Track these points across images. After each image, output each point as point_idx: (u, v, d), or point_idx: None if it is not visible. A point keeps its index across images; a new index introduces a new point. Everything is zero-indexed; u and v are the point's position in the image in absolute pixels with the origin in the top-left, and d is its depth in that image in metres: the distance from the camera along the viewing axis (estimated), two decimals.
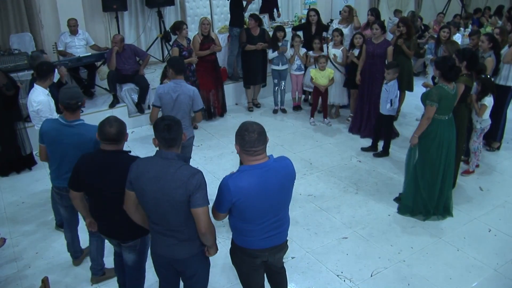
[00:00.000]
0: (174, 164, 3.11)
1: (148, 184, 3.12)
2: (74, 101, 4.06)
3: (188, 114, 5.36)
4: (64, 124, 4.10)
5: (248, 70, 8.87)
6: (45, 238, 5.37)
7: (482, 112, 6.22)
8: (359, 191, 6.22)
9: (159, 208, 3.14)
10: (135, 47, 8.40)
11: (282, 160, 3.29)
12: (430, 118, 5.20)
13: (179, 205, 3.09)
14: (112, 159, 3.53)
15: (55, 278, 4.70)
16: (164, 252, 3.34)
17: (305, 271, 4.74)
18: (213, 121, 8.69)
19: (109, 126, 3.50)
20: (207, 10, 10.37)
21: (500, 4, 13.26)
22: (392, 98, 6.81)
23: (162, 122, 3.15)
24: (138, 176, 3.15)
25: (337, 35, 8.17)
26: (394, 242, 5.19)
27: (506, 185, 6.36)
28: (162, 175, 3.08)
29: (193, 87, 5.45)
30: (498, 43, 7.01)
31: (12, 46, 8.15)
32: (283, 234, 3.45)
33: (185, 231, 3.23)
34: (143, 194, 3.16)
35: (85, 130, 4.07)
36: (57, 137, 4.13)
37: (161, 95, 5.25)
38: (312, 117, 8.52)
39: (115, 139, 3.53)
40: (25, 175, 6.84)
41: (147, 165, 3.17)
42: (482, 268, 4.77)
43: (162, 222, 3.21)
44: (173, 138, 3.13)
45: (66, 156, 4.13)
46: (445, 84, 5.17)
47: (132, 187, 3.21)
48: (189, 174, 3.07)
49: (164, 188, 3.07)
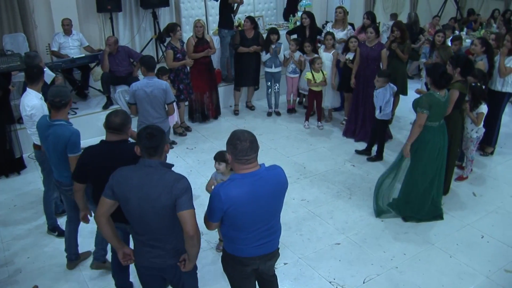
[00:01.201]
0: (158, 171, 3.13)
1: (132, 192, 3.10)
2: (58, 99, 4.17)
3: (163, 107, 5.94)
4: (47, 122, 4.27)
5: (239, 71, 8.83)
6: (36, 243, 5.34)
7: (480, 121, 6.21)
8: (353, 196, 6.22)
9: (144, 216, 3.13)
10: (129, 48, 8.37)
11: (274, 169, 3.28)
12: (422, 125, 5.21)
13: (164, 210, 3.08)
14: (117, 149, 3.70)
15: (46, 284, 4.67)
16: (150, 263, 3.33)
17: (297, 278, 4.73)
18: (207, 123, 8.67)
19: (114, 116, 3.71)
20: (202, 12, 10.34)
21: (495, 8, 13.27)
22: (381, 105, 6.81)
23: (144, 131, 3.16)
24: (121, 183, 3.14)
25: (329, 39, 8.17)
26: (387, 248, 5.18)
27: (499, 191, 6.37)
28: (146, 182, 3.08)
29: (165, 82, 6.08)
30: (492, 48, 7.02)
31: (5, 46, 8.09)
32: (275, 242, 3.44)
33: (170, 240, 3.23)
34: (127, 202, 3.14)
35: (61, 131, 4.19)
36: (42, 134, 4.36)
37: (134, 92, 5.82)
38: (306, 121, 8.51)
39: (118, 128, 3.70)
40: (16, 178, 6.80)
41: (130, 173, 3.16)
42: (475, 275, 4.77)
43: (147, 232, 3.20)
44: (155, 147, 3.13)
45: (50, 153, 4.37)
46: (436, 91, 5.18)
47: (114, 195, 3.18)
48: (173, 179, 3.09)
49: (148, 194, 3.06)
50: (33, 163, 6.77)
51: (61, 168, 4.37)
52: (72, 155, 4.16)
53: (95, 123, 7.92)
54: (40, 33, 8.70)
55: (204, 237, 5.30)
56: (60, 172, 4.41)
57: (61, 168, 4.36)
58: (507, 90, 6.83)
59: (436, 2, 14.35)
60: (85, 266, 4.91)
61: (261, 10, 11.10)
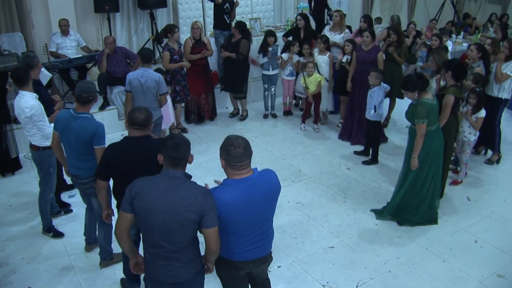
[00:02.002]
0: (183, 182, 3.07)
1: (155, 203, 3.02)
2: (86, 94, 4.35)
3: (155, 97, 6.37)
4: (72, 115, 4.40)
5: (223, 75, 8.83)
6: (32, 243, 5.34)
7: (479, 125, 6.26)
8: (347, 199, 6.24)
9: (167, 230, 3.04)
10: (126, 49, 8.36)
11: (267, 173, 3.30)
12: (424, 134, 5.25)
13: (189, 224, 3.03)
14: (142, 144, 3.83)
15: (40, 285, 4.69)
16: (166, 278, 3.23)
17: (291, 281, 4.75)
18: (203, 125, 8.68)
19: (139, 113, 3.84)
20: (199, 13, 10.33)
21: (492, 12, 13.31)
22: (375, 104, 6.84)
23: (170, 140, 3.10)
24: (142, 196, 3.05)
25: (320, 42, 8.20)
26: (381, 252, 5.21)
27: (493, 196, 6.39)
28: (172, 194, 3.02)
29: (158, 74, 6.46)
30: (488, 54, 7.03)
31: (2, 46, 8.09)
32: (267, 246, 3.45)
33: (189, 251, 3.18)
34: (148, 214, 3.05)
35: (87, 124, 4.35)
36: (65, 126, 4.41)
37: (130, 80, 6.30)
38: (303, 123, 8.53)
39: (143, 124, 3.83)
40: (12, 178, 6.80)
41: (153, 184, 3.09)
42: (467, 280, 4.79)
43: (166, 244, 3.10)
44: (180, 157, 3.08)
45: (71, 145, 4.46)
46: (425, 97, 5.25)
47: (132, 208, 3.11)
48: (201, 194, 3.04)
49: (175, 207, 2.99)
50: (29, 163, 6.77)
51: (79, 160, 4.48)
52: (98, 146, 4.34)
53: None
54: (37, 33, 8.72)
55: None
56: (77, 165, 4.52)
57: (80, 160, 4.47)
58: (503, 96, 6.85)
59: (434, 5, 14.40)
60: (80, 268, 4.93)
61: (259, 12, 11.07)
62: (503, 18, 12.90)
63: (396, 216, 5.71)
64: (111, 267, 4.93)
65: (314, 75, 8.00)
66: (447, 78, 5.79)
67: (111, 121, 8.16)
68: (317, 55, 8.29)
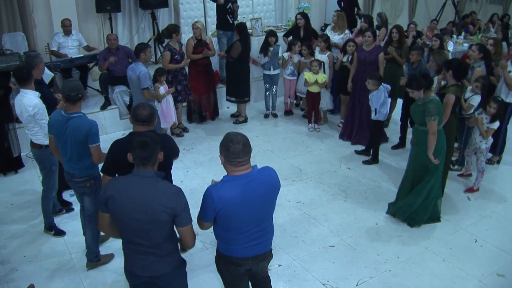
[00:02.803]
0: (154, 182, 3.10)
1: (128, 204, 3.06)
2: (75, 93, 4.30)
3: (139, 90, 6.67)
4: (64, 116, 4.36)
5: (227, 82, 8.81)
6: (33, 241, 5.37)
7: (489, 135, 6.23)
8: (348, 198, 6.26)
9: (141, 228, 3.10)
10: (128, 49, 8.37)
11: (266, 171, 3.32)
12: (435, 132, 5.25)
13: (163, 223, 3.08)
14: None
15: (42, 283, 4.71)
16: (143, 272, 3.29)
17: (291, 279, 4.77)
18: (204, 124, 8.71)
19: (142, 109, 3.89)
20: (201, 13, 10.36)
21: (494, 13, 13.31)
22: (376, 108, 6.86)
23: (137, 139, 3.14)
24: (115, 196, 3.09)
25: (320, 41, 8.22)
26: (381, 251, 5.23)
27: (493, 195, 6.40)
28: (144, 195, 3.05)
29: (143, 69, 6.64)
30: (490, 54, 7.03)
31: (5, 45, 8.11)
32: (267, 243, 3.47)
33: (165, 246, 3.23)
34: (122, 214, 3.10)
35: (80, 123, 4.32)
36: (59, 128, 4.39)
37: (127, 73, 6.71)
38: (310, 123, 8.53)
39: (147, 120, 3.88)
40: (13, 176, 6.83)
41: (124, 184, 3.13)
42: (467, 279, 4.81)
43: (143, 241, 3.16)
44: (147, 157, 3.11)
45: (68, 146, 4.42)
46: (431, 94, 5.28)
47: (107, 208, 3.15)
48: (172, 194, 3.08)
49: (147, 208, 3.03)
50: (31, 162, 6.80)
51: (75, 160, 4.46)
52: (93, 145, 4.35)
53: None
54: (39, 33, 8.74)
55: (199, 237, 5.33)
56: (73, 164, 4.50)
57: (76, 160, 4.46)
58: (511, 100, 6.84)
59: (435, 6, 14.40)
60: (81, 265, 4.95)
61: (260, 12, 11.11)
62: (504, 19, 12.89)
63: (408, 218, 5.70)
64: (113, 265, 4.96)
65: (320, 74, 8.01)
66: (447, 78, 5.81)
67: (113, 121, 8.19)
68: (317, 54, 8.31)
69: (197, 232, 5.31)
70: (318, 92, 8.18)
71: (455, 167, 6.93)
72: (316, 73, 7.99)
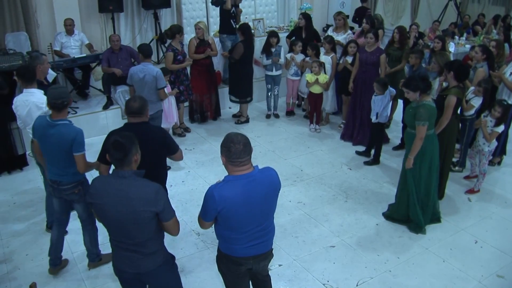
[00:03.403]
0: (133, 182, 3.12)
1: (109, 205, 3.11)
2: (60, 101, 4.18)
3: (154, 91, 6.51)
4: (49, 122, 4.25)
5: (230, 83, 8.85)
6: (35, 240, 5.40)
7: (493, 138, 6.23)
8: (349, 199, 6.28)
9: (123, 227, 3.15)
10: (131, 49, 8.40)
11: (267, 171, 3.34)
12: (423, 137, 5.23)
13: (146, 222, 3.13)
14: (141, 129, 4.01)
15: (44, 281, 4.74)
16: (129, 268, 3.35)
17: (292, 279, 4.79)
18: (206, 124, 8.73)
19: (133, 102, 4.07)
20: (203, 13, 10.40)
21: (497, 14, 13.30)
22: (378, 112, 6.89)
23: (110, 138, 3.16)
24: (97, 197, 3.15)
25: (325, 43, 8.23)
26: (381, 251, 5.24)
27: (494, 197, 6.42)
28: (124, 195, 3.08)
29: (157, 68, 6.62)
30: (493, 55, 7.04)
31: (8, 45, 8.16)
32: (268, 242, 3.50)
33: (149, 244, 3.27)
34: (104, 214, 3.17)
35: (66, 131, 4.22)
36: (42, 134, 4.29)
37: (131, 75, 6.55)
38: (311, 123, 8.56)
39: (138, 112, 4.05)
40: (17, 175, 6.86)
41: (105, 185, 3.17)
42: (467, 280, 4.82)
43: (126, 239, 3.22)
44: (121, 159, 3.12)
45: (51, 152, 4.33)
46: (426, 99, 5.23)
47: (92, 206, 3.30)
48: (152, 192, 3.10)
49: (127, 208, 3.06)
50: (34, 161, 6.82)
51: (61, 168, 4.37)
52: (78, 153, 4.23)
53: (95, 122, 8.02)
54: (42, 32, 8.78)
55: (200, 237, 5.38)
56: (59, 171, 4.40)
57: (61, 167, 4.36)
58: None
59: (437, 7, 14.40)
60: (83, 265, 4.98)
61: (262, 12, 11.14)
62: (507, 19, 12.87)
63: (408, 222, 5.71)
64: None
65: (322, 75, 8.03)
66: (449, 79, 5.82)
67: (115, 120, 8.22)
68: (322, 55, 8.32)
69: (198, 231, 5.37)
70: (320, 93, 8.19)
71: (456, 168, 6.94)
72: (316, 74, 8.01)
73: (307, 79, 8.07)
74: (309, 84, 8.07)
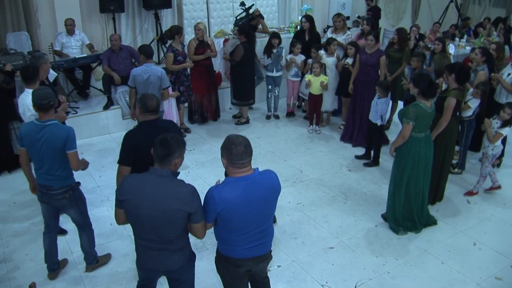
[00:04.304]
0: (170, 182, 3.17)
1: (143, 202, 3.13)
2: (46, 101, 4.17)
3: (158, 91, 6.55)
4: (38, 125, 4.21)
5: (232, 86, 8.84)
6: (35, 240, 5.39)
7: (496, 140, 6.18)
8: (348, 200, 6.29)
9: (155, 225, 3.17)
10: (132, 49, 8.41)
11: (267, 173, 3.35)
12: (406, 136, 5.21)
13: (178, 221, 3.17)
14: (160, 124, 4.17)
15: (44, 281, 4.75)
16: (158, 266, 3.40)
17: (290, 281, 4.80)
18: (206, 125, 8.74)
19: (151, 100, 4.11)
20: (204, 14, 10.41)
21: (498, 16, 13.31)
22: (382, 114, 6.90)
23: (161, 137, 3.19)
24: (132, 193, 3.17)
25: (333, 44, 8.22)
26: (380, 253, 5.25)
27: (493, 199, 6.43)
28: (160, 193, 3.12)
29: (161, 69, 6.67)
30: (493, 57, 7.06)
31: (9, 45, 8.18)
32: (267, 244, 3.51)
33: (178, 241, 3.32)
34: (137, 212, 3.17)
35: (57, 130, 4.22)
36: (33, 138, 4.22)
37: (134, 76, 6.51)
38: (311, 125, 8.57)
39: (156, 109, 4.14)
40: (17, 175, 6.85)
41: (141, 182, 3.19)
42: (465, 282, 4.83)
43: (156, 238, 3.24)
44: (166, 156, 3.17)
45: (43, 155, 4.25)
46: (422, 101, 5.19)
47: (122, 204, 3.25)
48: (188, 193, 3.15)
49: (163, 206, 3.10)
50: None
51: (52, 172, 4.31)
52: (71, 151, 4.23)
53: (96, 122, 8.04)
54: (43, 32, 8.80)
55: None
56: (50, 175, 4.33)
57: (52, 171, 4.30)
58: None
59: (438, 9, 14.41)
60: (82, 265, 4.98)
61: (263, 13, 11.05)
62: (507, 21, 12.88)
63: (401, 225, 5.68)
64: (114, 264, 5.00)
65: (321, 76, 8.05)
66: (450, 81, 5.82)
67: (116, 120, 8.24)
68: (325, 57, 8.32)
69: None
70: (320, 94, 8.20)
71: (455, 170, 6.95)
72: (317, 75, 8.02)
73: (307, 80, 8.08)
74: (308, 85, 8.08)
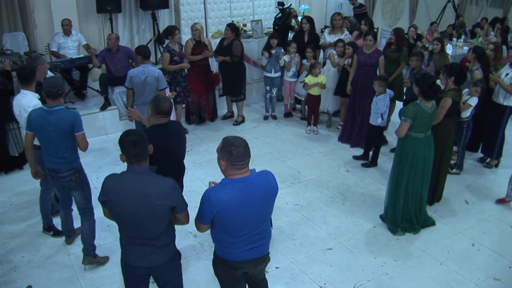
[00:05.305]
0: (150, 177, 3.22)
1: (126, 201, 3.18)
2: (55, 89, 4.42)
3: (155, 92, 6.47)
4: (46, 110, 4.47)
5: (222, 79, 8.83)
6: (32, 242, 5.38)
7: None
8: (346, 201, 6.27)
9: (139, 222, 3.22)
10: (130, 49, 8.36)
11: (264, 174, 3.33)
12: (401, 134, 5.22)
13: (162, 216, 3.23)
14: (173, 126, 4.34)
15: (40, 283, 4.72)
16: (141, 263, 3.41)
17: (288, 282, 4.78)
18: (203, 126, 8.72)
19: (165, 102, 4.23)
20: (201, 14, 10.36)
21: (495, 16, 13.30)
22: (382, 112, 6.87)
23: (127, 138, 3.23)
24: (113, 194, 3.22)
25: (340, 46, 8.17)
26: (378, 254, 5.24)
27: (491, 199, 6.42)
28: (141, 190, 3.16)
29: (158, 70, 6.65)
30: (487, 56, 7.08)
31: (5, 45, 8.13)
32: (264, 246, 3.49)
33: (162, 237, 3.35)
34: (121, 210, 3.22)
35: (65, 114, 4.49)
36: (41, 122, 4.46)
37: (131, 78, 6.51)
38: (309, 125, 8.55)
39: (168, 112, 4.27)
40: (13, 176, 6.84)
41: (121, 181, 3.24)
42: (464, 283, 4.82)
43: (141, 234, 3.28)
44: (141, 153, 3.23)
45: (51, 139, 4.52)
46: (423, 101, 5.19)
47: (105, 205, 3.31)
48: (170, 187, 3.22)
49: (146, 203, 3.15)
50: None
51: (59, 154, 4.56)
52: (79, 133, 4.53)
53: (93, 123, 8.00)
54: (39, 33, 8.75)
55: (197, 239, 5.36)
56: (57, 159, 4.58)
57: (59, 154, 4.56)
58: (509, 104, 6.84)
59: (435, 9, 14.40)
60: (79, 267, 4.96)
61: (260, 14, 11.11)
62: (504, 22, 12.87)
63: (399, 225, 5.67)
64: (111, 266, 4.97)
65: (320, 76, 8.03)
66: (448, 82, 5.81)
67: (113, 121, 8.21)
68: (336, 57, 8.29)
69: (195, 233, 5.36)
70: (319, 94, 8.19)
71: (453, 171, 6.94)
72: (317, 76, 8.01)
73: (306, 81, 8.06)
74: (308, 86, 8.06)
